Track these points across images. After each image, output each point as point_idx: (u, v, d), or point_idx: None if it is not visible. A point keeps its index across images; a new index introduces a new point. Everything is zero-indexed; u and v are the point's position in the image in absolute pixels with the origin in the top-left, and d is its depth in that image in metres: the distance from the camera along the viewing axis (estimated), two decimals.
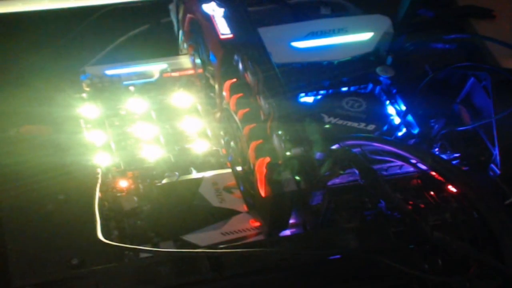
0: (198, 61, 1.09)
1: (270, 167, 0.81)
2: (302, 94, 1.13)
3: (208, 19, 0.98)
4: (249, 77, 0.91)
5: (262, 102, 0.88)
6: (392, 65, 1.16)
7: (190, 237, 0.88)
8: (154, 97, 1.09)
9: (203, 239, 0.88)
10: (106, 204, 0.92)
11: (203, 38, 1.03)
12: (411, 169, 0.98)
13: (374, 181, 0.90)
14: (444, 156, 1.01)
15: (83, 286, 0.76)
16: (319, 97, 1.13)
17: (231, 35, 0.96)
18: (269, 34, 1.04)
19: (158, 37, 1.29)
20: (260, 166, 0.83)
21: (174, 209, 0.92)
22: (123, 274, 0.78)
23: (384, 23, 1.21)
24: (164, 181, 0.96)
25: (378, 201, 0.92)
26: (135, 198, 0.93)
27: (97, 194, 0.90)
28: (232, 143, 0.97)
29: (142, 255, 0.84)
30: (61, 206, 0.90)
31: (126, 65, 1.14)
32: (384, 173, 0.98)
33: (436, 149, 1.03)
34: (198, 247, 0.86)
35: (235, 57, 0.94)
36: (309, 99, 1.13)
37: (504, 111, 1.02)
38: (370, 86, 1.15)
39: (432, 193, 0.97)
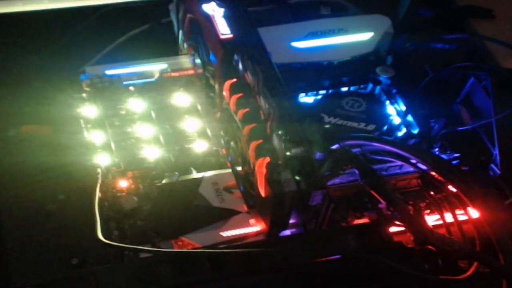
0: (198, 61, 1.09)
1: (270, 167, 0.81)
2: (302, 94, 1.13)
3: (208, 19, 0.98)
4: (249, 77, 0.91)
5: (262, 102, 0.88)
6: (392, 65, 1.16)
7: (190, 237, 0.88)
8: (154, 97, 1.09)
9: (203, 239, 0.88)
10: (106, 204, 0.92)
11: (203, 38, 1.03)
12: (411, 169, 0.98)
13: (374, 181, 0.90)
14: (444, 156, 1.01)
15: (83, 286, 0.76)
16: (319, 97, 1.13)
17: (231, 35, 0.96)
18: (269, 34, 1.04)
19: (158, 37, 1.29)
20: (260, 166, 0.83)
21: (174, 209, 0.92)
22: (123, 274, 0.78)
23: (384, 23, 1.21)
24: (164, 181, 0.96)
25: (378, 201, 0.92)
26: (135, 198, 0.93)
27: (97, 194, 0.90)
28: (232, 143, 0.97)
29: (142, 255, 0.84)
30: (61, 206, 0.90)
31: (126, 65, 1.14)
32: (384, 173, 0.98)
33: (436, 149, 1.03)
34: (198, 247, 0.87)
35: (235, 57, 0.94)
36: (309, 99, 1.13)
37: (504, 111, 1.02)
38: (370, 86, 1.15)
39: (432, 193, 0.97)
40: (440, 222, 0.93)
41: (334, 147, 0.94)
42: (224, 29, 0.96)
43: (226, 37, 0.95)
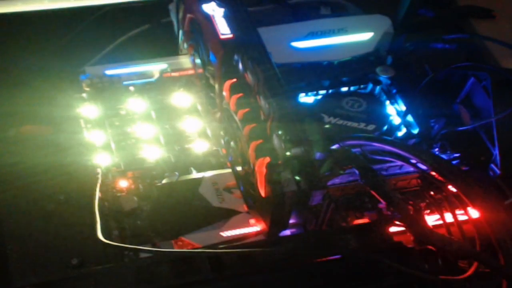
0: (198, 61, 1.09)
1: (270, 167, 0.81)
2: (302, 94, 1.13)
3: (208, 19, 0.98)
4: (249, 77, 0.91)
5: (262, 102, 0.88)
6: (392, 65, 1.16)
7: (190, 237, 0.88)
8: (154, 97, 1.10)
9: (203, 239, 0.88)
10: (106, 204, 0.92)
11: (203, 38, 1.03)
12: (411, 169, 0.98)
13: (374, 181, 0.90)
14: (444, 156, 1.01)
15: (83, 286, 0.76)
16: (319, 97, 1.13)
17: (231, 35, 0.96)
18: (269, 34, 1.04)
19: (158, 37, 1.29)
20: (260, 166, 0.83)
21: (174, 209, 0.92)
22: (123, 274, 0.78)
23: (384, 23, 1.21)
24: (164, 181, 0.96)
25: (378, 201, 0.92)
26: (135, 198, 0.93)
27: (97, 194, 0.90)
28: (232, 143, 0.97)
29: (142, 255, 0.84)
30: (61, 206, 0.90)
31: (126, 65, 1.14)
32: (384, 173, 0.98)
33: (436, 149, 1.03)
34: (198, 247, 0.87)
35: (235, 57, 0.94)
36: (309, 99, 1.13)
37: (504, 111, 1.02)
38: (370, 86, 1.15)
39: (432, 193, 0.97)
40: (440, 222, 0.93)
41: (334, 147, 0.94)
42: (224, 29, 0.96)
43: (226, 37, 0.95)
